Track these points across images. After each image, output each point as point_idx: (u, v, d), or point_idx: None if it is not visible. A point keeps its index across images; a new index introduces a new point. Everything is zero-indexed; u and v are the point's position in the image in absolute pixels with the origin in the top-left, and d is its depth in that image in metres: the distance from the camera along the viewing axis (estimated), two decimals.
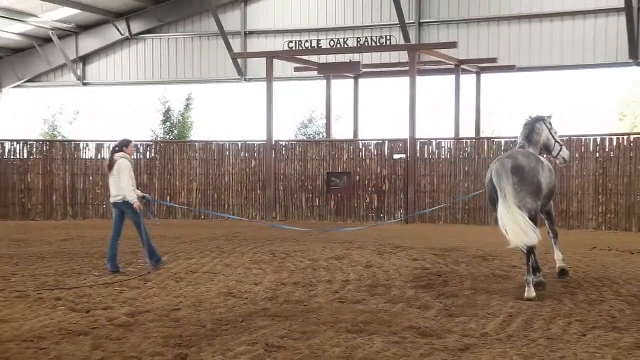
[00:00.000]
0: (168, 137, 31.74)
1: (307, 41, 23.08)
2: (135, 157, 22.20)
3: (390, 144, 20.95)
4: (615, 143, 18.66)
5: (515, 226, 9.08)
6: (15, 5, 26.62)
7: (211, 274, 11.22)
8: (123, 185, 11.57)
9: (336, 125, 26.74)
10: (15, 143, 22.32)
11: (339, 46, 23.29)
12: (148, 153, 22.34)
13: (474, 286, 10.10)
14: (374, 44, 22.83)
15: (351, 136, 24.68)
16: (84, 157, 22.22)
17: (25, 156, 22.16)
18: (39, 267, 11.99)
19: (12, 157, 22.09)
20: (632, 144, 18.42)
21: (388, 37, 22.91)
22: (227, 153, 22.11)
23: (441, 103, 25.88)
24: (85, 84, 31.54)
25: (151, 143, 23.16)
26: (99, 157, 22.11)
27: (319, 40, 23.42)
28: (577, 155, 18.78)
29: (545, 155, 10.78)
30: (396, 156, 20.83)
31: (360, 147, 21.38)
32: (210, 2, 26.63)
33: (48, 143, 23.22)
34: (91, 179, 22.12)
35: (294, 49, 22.62)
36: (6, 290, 9.74)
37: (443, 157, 20.41)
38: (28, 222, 21.12)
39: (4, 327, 7.66)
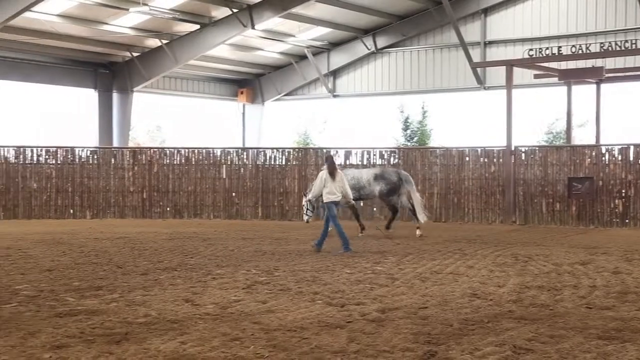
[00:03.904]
0: (409, 144, 32.02)
1: (547, 48, 22.26)
2: (380, 162, 22.59)
3: (635, 148, 19.56)
4: None
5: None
6: (277, 27, 28.30)
7: (455, 275, 11.06)
8: (347, 188, 14.61)
9: (578, 131, 25.45)
10: (275, 150, 23.61)
11: (580, 52, 22.12)
12: (392, 159, 22.62)
13: None
14: (617, 49, 21.44)
15: (593, 141, 23.34)
16: None
17: (283, 162, 23.35)
18: (297, 263, 12.50)
19: (272, 163, 23.38)
20: None
21: (633, 41, 21.38)
22: (467, 159, 21.83)
23: None
24: (335, 96, 32.75)
25: (395, 149, 23.46)
26: (347, 162, 22.73)
27: (559, 47, 22.48)
28: None
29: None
30: None
31: (603, 151, 20.16)
32: (451, 15, 26.47)
33: (302, 150, 24.33)
34: None
35: (533, 56, 21.86)
36: (271, 283, 10.26)
37: None
38: (285, 222, 22.19)
39: (271, 316, 8.04)
